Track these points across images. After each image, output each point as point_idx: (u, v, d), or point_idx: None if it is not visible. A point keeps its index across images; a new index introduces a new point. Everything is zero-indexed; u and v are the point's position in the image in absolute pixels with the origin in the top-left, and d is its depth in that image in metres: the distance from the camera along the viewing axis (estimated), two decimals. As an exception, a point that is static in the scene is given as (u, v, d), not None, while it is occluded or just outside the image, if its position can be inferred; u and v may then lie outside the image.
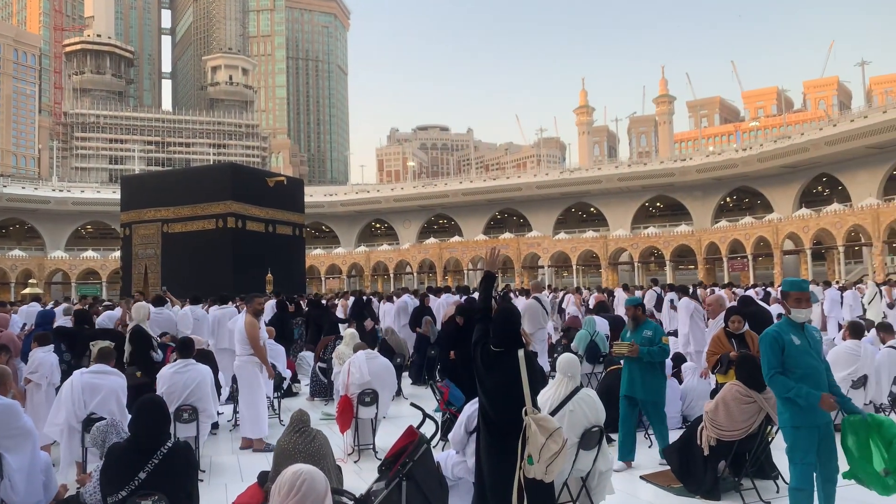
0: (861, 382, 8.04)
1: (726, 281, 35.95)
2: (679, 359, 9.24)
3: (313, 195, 71.46)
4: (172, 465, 3.89)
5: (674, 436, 6.74)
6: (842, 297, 18.31)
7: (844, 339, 8.73)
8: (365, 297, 16.71)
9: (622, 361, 6.96)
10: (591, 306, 16.11)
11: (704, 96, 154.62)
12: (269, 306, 14.29)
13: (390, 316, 15.63)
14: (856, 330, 8.46)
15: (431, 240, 71.65)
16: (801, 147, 55.26)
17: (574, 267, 61.41)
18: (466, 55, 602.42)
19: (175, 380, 6.65)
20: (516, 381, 4.04)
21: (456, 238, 71.28)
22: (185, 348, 6.99)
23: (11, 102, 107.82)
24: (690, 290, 14.57)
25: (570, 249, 61.72)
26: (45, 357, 7.69)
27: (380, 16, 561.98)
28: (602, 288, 29.40)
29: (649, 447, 7.35)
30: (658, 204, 72.27)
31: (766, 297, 16.44)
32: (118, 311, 12.12)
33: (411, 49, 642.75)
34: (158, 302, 11.36)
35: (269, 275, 26.94)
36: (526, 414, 3.93)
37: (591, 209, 73.96)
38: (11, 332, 10.58)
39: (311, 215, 61.87)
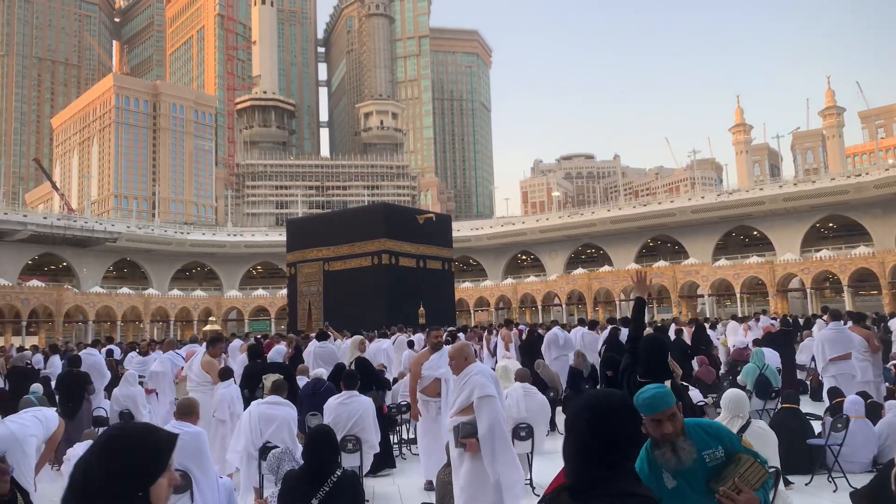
0: None
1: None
2: (865, 395, 8.34)
3: (460, 230, 72.93)
4: (341, 494, 4.10)
5: (864, 479, 6.12)
6: None
7: None
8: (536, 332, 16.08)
9: None
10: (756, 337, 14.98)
11: (878, 105, 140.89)
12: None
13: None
14: None
15: (579, 270, 70.32)
16: None
17: (738, 295, 57.64)
18: (610, 80, 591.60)
19: (340, 410, 6.99)
20: None
21: (605, 268, 69.49)
22: (350, 380, 7.30)
23: (193, 158, 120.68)
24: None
25: (732, 277, 58.03)
26: (226, 392, 8.15)
27: (521, 49, 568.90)
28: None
29: (834, 492, 6.75)
30: (830, 224, 66.31)
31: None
32: (283, 346, 13.00)
33: (553, 78, 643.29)
34: (322, 337, 12.10)
35: (422, 308, 27.71)
36: None
37: (754, 233, 69.28)
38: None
39: (458, 249, 63.16)
